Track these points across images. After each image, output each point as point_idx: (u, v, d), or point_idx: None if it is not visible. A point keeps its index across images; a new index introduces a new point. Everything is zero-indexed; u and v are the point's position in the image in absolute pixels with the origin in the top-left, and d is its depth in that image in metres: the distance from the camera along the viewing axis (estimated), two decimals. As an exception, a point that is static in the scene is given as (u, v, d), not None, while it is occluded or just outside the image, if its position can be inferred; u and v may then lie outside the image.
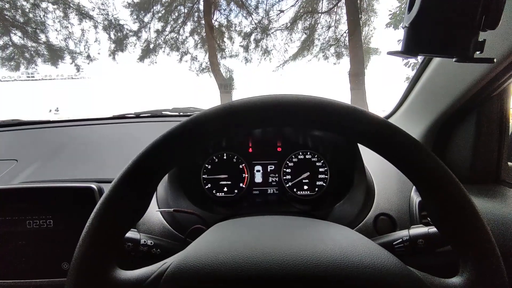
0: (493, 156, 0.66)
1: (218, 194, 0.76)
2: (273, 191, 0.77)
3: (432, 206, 0.32)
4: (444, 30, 0.35)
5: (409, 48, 0.37)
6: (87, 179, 0.70)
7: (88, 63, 7.61)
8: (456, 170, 0.69)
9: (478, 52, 0.35)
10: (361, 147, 0.68)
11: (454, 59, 0.36)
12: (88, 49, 7.61)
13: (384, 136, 0.32)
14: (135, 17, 7.58)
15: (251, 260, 0.31)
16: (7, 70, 7.18)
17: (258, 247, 0.33)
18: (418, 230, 0.47)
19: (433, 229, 0.46)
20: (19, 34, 7.07)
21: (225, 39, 7.83)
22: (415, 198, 0.63)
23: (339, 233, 0.38)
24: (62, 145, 0.91)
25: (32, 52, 7.27)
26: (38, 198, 0.53)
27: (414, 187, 0.66)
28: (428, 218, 0.61)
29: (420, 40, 0.36)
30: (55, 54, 7.42)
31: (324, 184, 0.76)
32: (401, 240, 0.47)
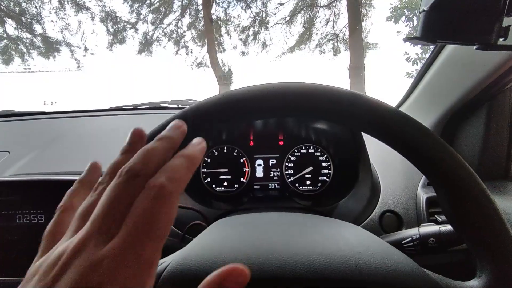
0: (503, 151, 0.64)
1: (218, 188, 0.74)
2: (275, 186, 0.75)
3: (447, 203, 0.30)
4: (466, 15, 0.33)
5: (427, 34, 0.34)
6: (79, 172, 0.67)
7: (85, 55, 7.52)
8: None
9: (501, 40, 0.33)
10: (366, 141, 0.66)
11: (475, 47, 0.34)
12: (85, 41, 7.51)
13: (394, 124, 0.29)
14: (132, 8, 7.48)
15: (254, 260, 0.29)
16: (1, 63, 7.08)
17: (262, 246, 0.31)
18: (429, 228, 0.45)
19: (445, 227, 0.44)
20: (14, 25, 6.96)
21: (223, 33, 7.76)
22: (422, 194, 0.61)
23: (349, 232, 0.36)
24: (56, 137, 0.88)
25: (28, 44, 7.16)
26: (29, 192, 0.50)
27: (420, 183, 0.64)
28: (436, 216, 0.59)
29: (439, 26, 0.34)
30: (51, 47, 7.32)
31: (327, 179, 0.74)
32: (410, 239, 0.45)
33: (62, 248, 0.17)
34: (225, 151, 0.75)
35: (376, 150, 0.67)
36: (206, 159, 0.74)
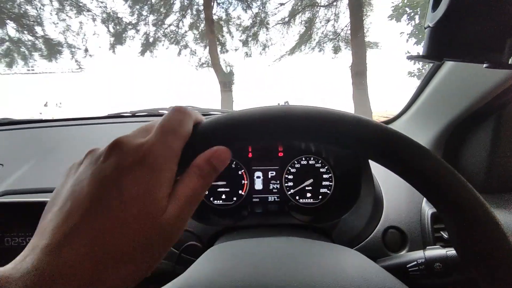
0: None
1: (216, 201, 0.72)
2: (274, 198, 0.73)
3: (449, 225, 0.27)
4: (475, 31, 0.30)
5: (433, 52, 0.32)
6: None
7: (85, 57, 7.52)
8: (470, 178, 0.64)
9: (513, 57, 0.30)
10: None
11: (484, 65, 0.31)
12: (86, 42, 7.52)
13: (382, 145, 0.26)
14: (133, 9, 7.48)
15: None
16: (3, 65, 7.10)
17: (260, 279, 0.29)
18: (435, 252, 0.42)
19: (452, 251, 0.42)
20: (15, 27, 6.98)
21: (224, 33, 7.74)
22: (427, 209, 0.59)
23: (348, 262, 0.33)
24: (52, 148, 0.86)
25: (29, 47, 7.18)
26: (18, 213, 0.48)
27: (425, 198, 0.61)
28: (441, 232, 0.56)
29: (445, 43, 0.31)
30: (53, 48, 7.33)
31: (328, 192, 0.72)
32: (416, 263, 0.42)
33: (104, 148, 0.22)
34: None
35: None
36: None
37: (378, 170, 0.65)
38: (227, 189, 0.72)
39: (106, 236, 0.18)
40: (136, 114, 1.14)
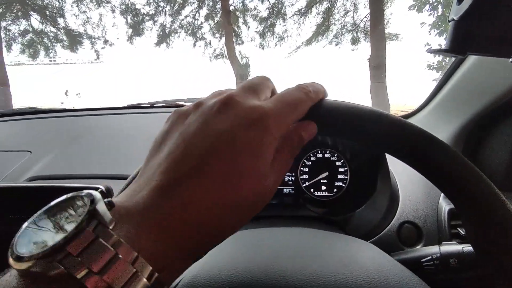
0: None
1: (231, 192, 0.73)
2: (289, 190, 0.74)
3: (466, 221, 0.27)
4: (501, 25, 0.30)
5: (457, 46, 0.31)
6: (98, 174, 0.69)
7: (104, 47, 7.68)
8: (489, 175, 0.63)
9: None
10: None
11: (510, 60, 0.30)
12: (106, 33, 7.67)
13: (401, 139, 0.26)
14: (150, 1, 7.52)
15: (268, 283, 0.28)
16: (27, 56, 7.35)
17: (275, 268, 0.30)
18: (451, 247, 0.42)
19: (468, 247, 0.41)
20: (39, 19, 7.17)
21: (240, 24, 7.69)
22: (444, 205, 0.58)
23: (364, 254, 0.34)
24: (76, 136, 0.90)
25: (52, 38, 7.38)
26: (47, 197, 0.51)
27: (442, 193, 0.61)
28: (458, 229, 0.56)
29: (470, 37, 0.31)
30: (74, 39, 7.51)
31: (343, 185, 0.72)
32: (431, 257, 0.42)
33: (214, 101, 0.22)
34: None
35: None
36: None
37: (394, 165, 0.65)
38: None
39: (217, 185, 0.19)
40: (155, 105, 1.17)
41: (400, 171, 0.65)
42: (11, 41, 7.08)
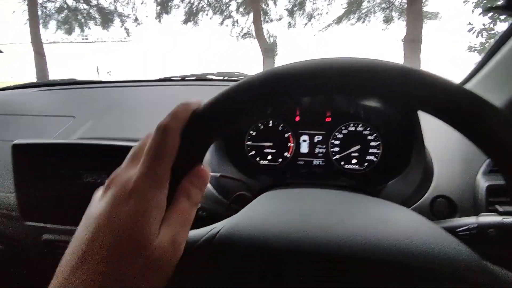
0: None
1: (262, 161, 0.75)
2: (319, 162, 0.74)
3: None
4: None
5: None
6: (133, 138, 0.72)
7: (136, 25, 7.80)
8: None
9: None
10: (422, 120, 0.61)
11: None
12: (136, 11, 7.76)
13: (460, 105, 0.25)
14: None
15: (306, 234, 0.29)
16: (63, 32, 7.64)
17: (314, 221, 0.31)
18: (489, 218, 0.41)
19: (508, 219, 0.40)
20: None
21: (268, 1, 7.48)
22: (483, 182, 0.56)
23: (402, 215, 0.34)
24: (112, 105, 0.95)
25: (85, 15, 7.59)
26: (95, 155, 0.55)
27: (481, 169, 0.58)
28: (496, 206, 0.54)
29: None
30: (105, 17, 7.68)
31: (375, 159, 0.71)
32: (467, 227, 0.42)
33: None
34: (270, 125, 0.75)
35: (433, 130, 0.62)
36: (251, 132, 0.75)
37: (431, 139, 0.63)
38: (273, 150, 0.75)
39: (100, 272, 0.20)
40: (186, 78, 1.19)
41: (436, 147, 0.63)
42: (47, 17, 7.40)
